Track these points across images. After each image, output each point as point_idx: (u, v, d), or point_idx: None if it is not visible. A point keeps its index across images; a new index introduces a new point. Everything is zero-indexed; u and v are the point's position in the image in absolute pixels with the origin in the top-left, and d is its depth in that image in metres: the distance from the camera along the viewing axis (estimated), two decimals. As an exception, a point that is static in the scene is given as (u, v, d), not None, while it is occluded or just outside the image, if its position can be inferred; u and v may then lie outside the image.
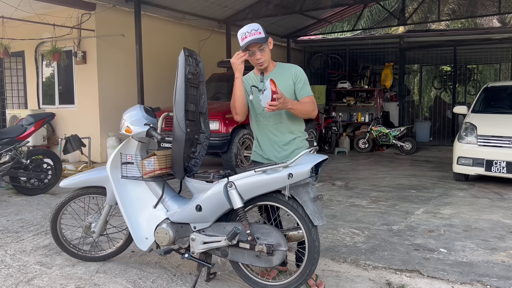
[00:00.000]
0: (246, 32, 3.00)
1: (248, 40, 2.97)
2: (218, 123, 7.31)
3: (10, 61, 10.23)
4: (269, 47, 3.09)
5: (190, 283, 3.19)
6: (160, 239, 3.16)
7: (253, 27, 3.02)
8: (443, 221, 4.86)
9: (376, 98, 12.61)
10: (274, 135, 3.12)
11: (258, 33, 2.98)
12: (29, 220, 4.95)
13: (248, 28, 3.02)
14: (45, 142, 9.14)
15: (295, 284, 2.91)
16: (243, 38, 3.00)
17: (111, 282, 3.29)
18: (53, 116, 6.54)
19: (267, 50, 3.07)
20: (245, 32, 3.00)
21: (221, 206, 2.97)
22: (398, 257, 3.76)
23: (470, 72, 18.28)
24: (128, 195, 3.33)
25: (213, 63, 9.68)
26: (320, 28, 15.55)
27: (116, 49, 9.04)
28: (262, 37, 2.99)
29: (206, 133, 3.36)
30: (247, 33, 3.00)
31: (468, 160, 6.70)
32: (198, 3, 10.07)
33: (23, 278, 3.38)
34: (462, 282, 3.26)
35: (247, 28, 3.02)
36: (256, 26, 3.04)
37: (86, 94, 9.00)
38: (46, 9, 8.42)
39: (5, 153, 5.88)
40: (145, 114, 3.29)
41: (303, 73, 3.13)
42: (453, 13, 16.67)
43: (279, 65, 3.19)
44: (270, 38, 3.12)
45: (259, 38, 2.98)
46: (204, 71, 3.31)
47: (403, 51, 13.34)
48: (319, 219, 2.80)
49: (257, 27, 3.03)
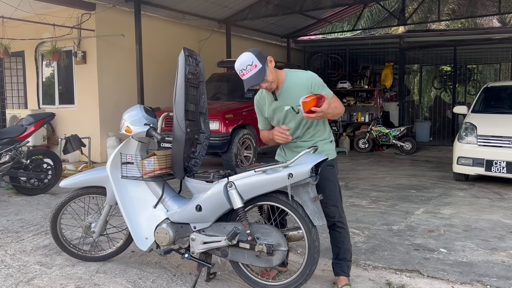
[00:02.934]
0: (241, 70, 2.87)
1: (246, 82, 2.86)
2: (218, 123, 7.31)
3: (10, 61, 10.23)
4: (271, 68, 2.94)
5: (190, 283, 3.19)
6: (160, 239, 3.16)
7: (247, 62, 2.86)
8: (443, 221, 4.86)
9: (376, 98, 12.61)
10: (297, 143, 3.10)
11: (253, 67, 2.84)
12: (29, 220, 4.95)
13: (241, 65, 2.87)
14: (45, 142, 9.14)
15: (295, 284, 2.91)
16: (241, 75, 2.89)
17: (111, 282, 3.29)
18: (53, 116, 6.54)
19: (270, 71, 2.91)
20: (240, 69, 2.88)
21: (221, 206, 2.97)
22: (398, 257, 3.76)
23: (470, 72, 18.29)
24: (128, 195, 3.33)
25: (213, 63, 9.67)
26: (320, 28, 15.55)
27: (116, 49, 9.04)
28: (258, 71, 2.84)
29: (206, 133, 3.36)
30: (243, 71, 2.87)
31: (468, 160, 6.70)
32: (198, 3, 10.07)
33: (23, 278, 3.38)
34: (462, 282, 3.26)
35: (241, 65, 2.87)
36: (249, 60, 2.86)
37: (86, 94, 9.00)
38: (46, 9, 8.42)
39: (5, 153, 5.88)
40: (145, 114, 3.29)
41: (316, 77, 3.01)
42: (453, 13, 16.67)
43: (289, 76, 3.03)
44: (269, 57, 2.96)
45: (256, 75, 2.84)
46: (204, 71, 3.31)
47: (403, 51, 13.34)
48: (319, 219, 2.80)
49: (250, 60, 2.86)
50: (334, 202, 3.04)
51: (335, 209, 3.05)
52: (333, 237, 3.16)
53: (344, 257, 3.15)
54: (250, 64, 2.84)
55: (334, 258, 3.19)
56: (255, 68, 2.84)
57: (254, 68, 2.84)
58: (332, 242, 3.18)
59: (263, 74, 2.86)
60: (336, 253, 3.17)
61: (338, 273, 3.16)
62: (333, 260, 3.21)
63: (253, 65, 2.84)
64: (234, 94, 8.75)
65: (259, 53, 2.90)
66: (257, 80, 2.85)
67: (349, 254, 3.17)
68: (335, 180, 3.09)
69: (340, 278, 3.15)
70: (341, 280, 3.14)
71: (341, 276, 3.15)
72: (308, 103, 2.76)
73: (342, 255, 3.14)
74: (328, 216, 3.02)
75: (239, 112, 7.80)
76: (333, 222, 3.08)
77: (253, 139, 7.85)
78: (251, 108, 8.02)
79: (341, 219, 3.10)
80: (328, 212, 3.02)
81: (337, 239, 3.13)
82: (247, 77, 2.86)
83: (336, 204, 3.06)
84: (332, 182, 3.06)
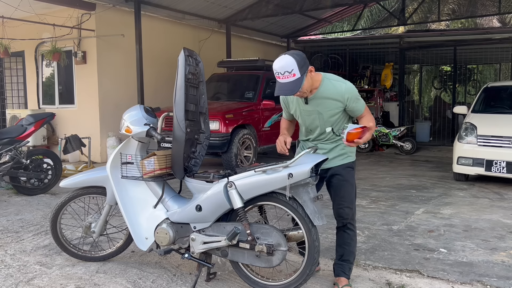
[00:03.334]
0: (278, 73, 2.72)
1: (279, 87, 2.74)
2: (218, 123, 7.31)
3: (10, 61, 10.22)
4: (309, 77, 2.79)
5: (190, 283, 3.19)
6: (160, 239, 3.16)
7: (286, 68, 2.68)
8: (443, 221, 4.86)
9: (376, 98, 12.62)
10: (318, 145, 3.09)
11: (292, 75, 2.68)
12: (29, 220, 4.95)
13: (280, 68, 2.70)
14: (45, 142, 9.14)
15: (295, 284, 2.91)
16: (277, 77, 2.75)
17: (111, 282, 3.29)
18: (53, 116, 6.54)
19: (306, 81, 2.77)
20: (277, 72, 2.72)
21: (221, 206, 2.97)
22: (398, 257, 3.76)
23: (470, 72, 18.28)
24: (128, 195, 3.33)
25: (213, 63, 9.67)
26: (320, 28, 15.55)
27: (116, 49, 9.04)
28: (295, 80, 2.69)
29: (206, 133, 3.36)
30: (279, 74, 2.71)
31: (468, 160, 6.70)
32: (198, 3, 10.07)
33: (23, 278, 3.38)
34: (462, 282, 3.26)
35: (279, 69, 2.70)
36: (289, 66, 2.67)
37: (86, 94, 9.00)
38: (46, 9, 8.41)
39: (5, 153, 5.88)
40: (145, 114, 3.29)
41: (353, 90, 2.90)
42: (453, 13, 16.67)
43: (325, 84, 2.90)
44: (310, 67, 2.79)
45: (291, 84, 2.70)
46: (204, 71, 3.31)
47: (403, 51, 13.34)
48: (319, 219, 2.80)
49: (291, 67, 2.67)
50: (349, 203, 3.06)
51: (349, 211, 3.06)
52: (340, 238, 3.16)
53: (348, 259, 3.15)
54: (289, 72, 2.69)
55: (338, 259, 3.19)
56: (292, 77, 2.70)
57: (292, 76, 2.70)
58: (338, 243, 3.18)
59: (298, 86, 2.72)
60: (340, 254, 3.17)
61: (339, 274, 3.16)
62: (336, 260, 3.21)
63: (291, 73, 2.69)
64: (234, 94, 8.75)
65: (302, 60, 2.73)
66: (291, 91, 2.74)
67: (353, 256, 3.17)
68: (353, 182, 3.09)
69: (341, 279, 3.14)
70: (342, 281, 3.13)
71: (341, 277, 3.15)
72: (353, 135, 2.70)
73: (346, 256, 3.15)
74: (341, 217, 3.05)
75: (239, 112, 7.80)
76: (345, 223, 3.09)
77: (253, 139, 7.85)
78: (251, 108, 8.10)
79: (352, 222, 3.12)
80: (342, 213, 3.04)
81: (345, 240, 3.13)
82: (281, 82, 2.73)
83: (351, 206, 3.07)
84: (350, 183, 3.06)
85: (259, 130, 8.17)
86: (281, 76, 2.72)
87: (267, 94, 8.49)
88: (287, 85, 2.73)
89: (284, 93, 2.77)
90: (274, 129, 8.52)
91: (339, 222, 3.11)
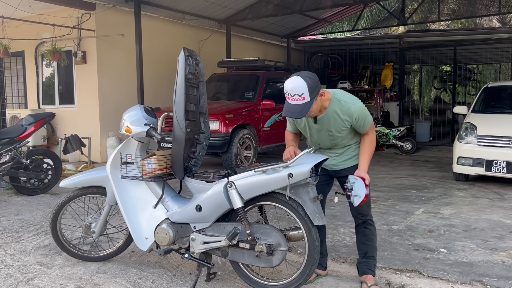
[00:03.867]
0: (288, 93, 2.70)
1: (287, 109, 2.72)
2: (218, 123, 7.31)
3: (10, 61, 10.22)
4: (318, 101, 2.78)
5: (190, 283, 3.19)
6: (160, 239, 3.16)
7: (297, 91, 2.66)
8: (443, 221, 4.86)
9: (376, 98, 12.61)
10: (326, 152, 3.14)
11: (301, 99, 2.66)
12: (29, 220, 4.95)
13: (290, 90, 2.68)
14: (45, 142, 9.14)
15: (295, 284, 2.91)
16: (286, 97, 2.73)
17: (111, 282, 3.29)
18: (53, 116, 6.54)
19: (315, 104, 2.76)
20: (288, 92, 2.70)
21: (221, 206, 2.97)
22: (398, 257, 3.76)
23: (470, 72, 18.27)
24: (128, 195, 3.33)
25: (213, 63, 9.67)
26: (320, 28, 15.55)
27: (116, 49, 9.04)
28: (304, 104, 2.67)
29: (206, 133, 3.36)
30: (289, 95, 2.69)
31: (468, 160, 6.70)
32: (198, 3, 10.07)
33: (23, 278, 3.38)
34: (462, 282, 3.26)
35: (290, 90, 2.68)
36: (300, 90, 2.65)
37: (86, 94, 8.99)
38: (46, 9, 8.41)
39: (5, 153, 5.88)
40: (145, 114, 3.29)
41: (361, 112, 2.91)
42: (453, 13, 16.67)
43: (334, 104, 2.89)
44: (321, 91, 2.79)
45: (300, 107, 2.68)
46: (204, 71, 3.31)
47: (403, 51, 13.34)
48: (319, 219, 2.80)
49: (301, 91, 2.65)
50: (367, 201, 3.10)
51: (367, 208, 3.15)
52: (362, 235, 3.21)
53: (372, 255, 3.20)
54: (299, 95, 2.67)
55: (362, 257, 3.23)
56: (302, 101, 2.68)
57: (301, 100, 2.68)
58: (361, 241, 3.22)
59: (307, 109, 2.71)
60: (363, 251, 3.21)
61: (365, 271, 3.19)
62: (360, 259, 3.24)
63: (301, 97, 2.67)
64: (234, 94, 8.76)
65: (313, 84, 2.70)
66: (299, 115, 2.72)
67: (376, 252, 3.23)
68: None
69: (368, 277, 3.17)
70: (370, 279, 3.16)
71: (368, 274, 3.17)
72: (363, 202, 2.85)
73: (370, 253, 3.19)
74: (361, 214, 3.12)
75: (239, 112, 7.80)
76: (365, 219, 3.16)
77: (253, 139, 7.85)
78: (251, 108, 8.10)
79: (371, 218, 3.20)
80: (361, 210, 3.10)
81: (367, 236, 3.19)
82: (290, 103, 2.72)
83: (368, 202, 3.14)
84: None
85: (259, 130, 8.17)
86: (290, 98, 2.70)
87: (267, 94, 8.49)
88: (296, 108, 2.71)
89: (292, 115, 2.75)
90: (274, 129, 8.52)
91: (359, 220, 3.17)
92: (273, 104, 8.24)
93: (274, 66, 9.32)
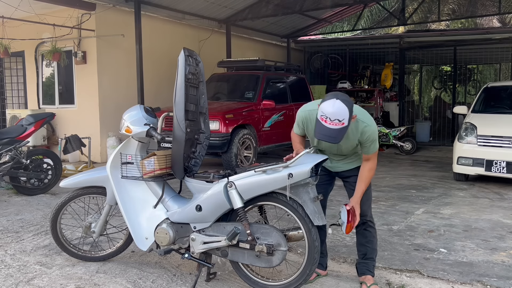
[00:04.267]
0: (326, 117, 2.58)
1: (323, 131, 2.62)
2: (218, 123, 7.30)
3: (10, 61, 10.22)
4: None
5: (190, 283, 3.19)
6: (160, 239, 3.16)
7: (338, 116, 2.56)
8: (443, 221, 4.85)
9: (376, 98, 12.61)
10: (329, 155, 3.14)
11: (341, 124, 2.58)
12: (29, 220, 4.95)
13: (331, 114, 2.57)
14: (45, 142, 9.14)
15: (295, 284, 2.91)
16: (322, 118, 2.61)
17: (111, 282, 3.29)
18: (53, 116, 6.54)
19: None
20: (326, 115, 2.58)
21: (221, 206, 2.97)
22: (398, 257, 3.76)
23: (470, 72, 18.27)
24: (128, 195, 3.33)
25: (213, 63, 9.67)
26: (320, 28, 15.55)
27: (116, 49, 9.04)
28: (341, 129, 2.61)
29: (206, 133, 3.36)
30: (328, 118, 2.58)
31: (468, 160, 6.70)
32: (198, 3, 10.06)
33: (23, 278, 3.38)
34: (462, 282, 3.26)
35: (330, 114, 2.57)
36: (342, 115, 2.56)
37: (86, 94, 8.99)
38: (46, 9, 8.41)
39: (5, 153, 5.88)
40: (145, 114, 3.29)
41: (374, 135, 2.90)
42: (453, 13, 16.67)
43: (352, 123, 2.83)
44: (354, 115, 2.72)
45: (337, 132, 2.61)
46: (204, 71, 3.31)
47: (403, 51, 13.34)
48: (319, 219, 2.80)
49: (342, 116, 2.56)
50: (367, 202, 3.15)
51: (368, 209, 3.17)
52: (362, 237, 3.22)
53: (371, 256, 3.21)
54: (340, 120, 2.59)
55: (361, 258, 3.24)
56: (341, 126, 2.61)
57: (340, 125, 2.60)
58: (360, 242, 3.24)
59: (343, 134, 2.65)
60: (363, 252, 3.22)
61: (364, 272, 3.20)
62: (359, 260, 3.25)
63: (341, 122, 2.60)
64: (234, 94, 8.76)
65: (351, 108, 2.65)
66: (335, 140, 2.65)
67: (375, 253, 3.24)
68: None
69: (367, 277, 3.18)
70: (369, 279, 3.17)
71: (367, 275, 3.19)
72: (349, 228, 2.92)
73: (369, 254, 3.20)
74: (362, 215, 3.11)
75: (239, 112, 7.80)
76: (365, 221, 3.16)
77: (253, 139, 7.85)
78: (251, 108, 8.10)
79: (372, 219, 3.21)
80: (362, 212, 3.09)
81: (367, 238, 3.20)
82: (327, 127, 2.61)
83: (369, 204, 3.17)
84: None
85: (259, 130, 8.17)
86: (329, 122, 2.60)
87: (267, 94, 8.49)
88: (333, 132, 2.62)
89: (329, 139, 2.65)
90: (274, 129, 8.52)
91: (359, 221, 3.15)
92: (273, 104, 8.23)
93: (274, 66, 9.32)
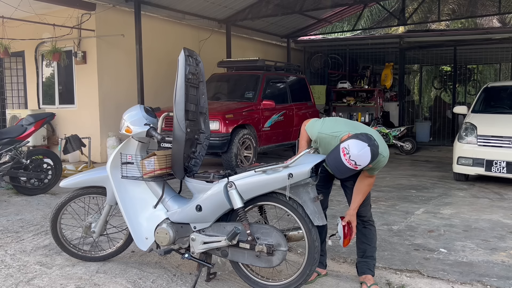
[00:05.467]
0: (351, 158, 2.63)
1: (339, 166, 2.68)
2: (218, 123, 7.30)
3: (10, 61, 10.22)
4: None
5: (190, 283, 3.19)
6: (160, 239, 3.16)
7: (358, 160, 2.62)
8: (443, 221, 4.86)
9: (376, 98, 12.61)
10: None
11: (355, 167, 2.67)
12: (29, 220, 4.95)
13: (356, 157, 2.61)
14: (45, 142, 9.14)
15: (295, 284, 2.91)
16: (343, 150, 2.65)
17: (111, 282, 3.29)
18: (53, 116, 6.54)
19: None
20: (351, 157, 2.63)
21: (221, 206, 2.97)
22: (398, 257, 3.76)
23: (470, 72, 18.26)
24: (128, 195, 3.33)
25: (213, 63, 9.67)
26: (320, 28, 15.54)
27: (116, 49, 9.04)
28: (353, 170, 2.71)
29: (206, 133, 3.36)
30: (350, 158, 2.63)
31: (468, 160, 6.70)
32: (198, 3, 10.06)
33: (23, 278, 3.38)
34: (462, 282, 3.26)
35: (355, 157, 2.62)
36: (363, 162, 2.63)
37: (86, 94, 8.99)
38: (46, 9, 8.41)
39: (5, 153, 5.88)
40: (145, 114, 3.29)
41: (384, 162, 2.93)
42: (453, 13, 16.67)
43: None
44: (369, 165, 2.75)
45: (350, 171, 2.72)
46: (204, 71, 3.31)
47: (403, 51, 13.34)
48: (319, 219, 2.80)
49: (363, 163, 2.64)
50: (367, 202, 3.16)
51: (368, 209, 3.19)
52: (362, 235, 3.23)
53: (371, 255, 3.22)
54: (356, 164, 2.65)
55: (360, 256, 3.24)
56: (354, 168, 2.68)
57: (354, 167, 2.67)
58: (360, 241, 3.24)
59: (349, 174, 2.78)
60: (362, 251, 3.23)
61: (364, 271, 3.20)
62: (359, 259, 3.26)
63: (356, 166, 2.66)
64: (234, 94, 8.75)
65: (374, 161, 2.72)
66: (341, 175, 2.79)
67: (375, 252, 3.25)
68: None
69: (368, 276, 3.18)
70: (369, 279, 3.17)
71: (368, 274, 3.19)
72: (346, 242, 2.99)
73: (369, 253, 3.21)
74: (362, 215, 3.15)
75: (239, 112, 7.80)
76: (365, 220, 3.19)
77: (253, 139, 7.85)
78: (251, 108, 8.10)
79: (371, 218, 3.23)
80: (361, 212, 3.12)
81: (367, 236, 3.21)
82: (342, 162, 2.66)
83: (369, 204, 3.19)
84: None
85: (259, 130, 8.17)
86: (347, 158, 2.64)
87: (267, 94, 8.49)
88: (343, 168, 2.69)
89: (336, 172, 2.77)
90: (274, 129, 8.52)
91: (359, 220, 3.17)
92: (273, 104, 8.23)
93: (274, 66, 9.32)
